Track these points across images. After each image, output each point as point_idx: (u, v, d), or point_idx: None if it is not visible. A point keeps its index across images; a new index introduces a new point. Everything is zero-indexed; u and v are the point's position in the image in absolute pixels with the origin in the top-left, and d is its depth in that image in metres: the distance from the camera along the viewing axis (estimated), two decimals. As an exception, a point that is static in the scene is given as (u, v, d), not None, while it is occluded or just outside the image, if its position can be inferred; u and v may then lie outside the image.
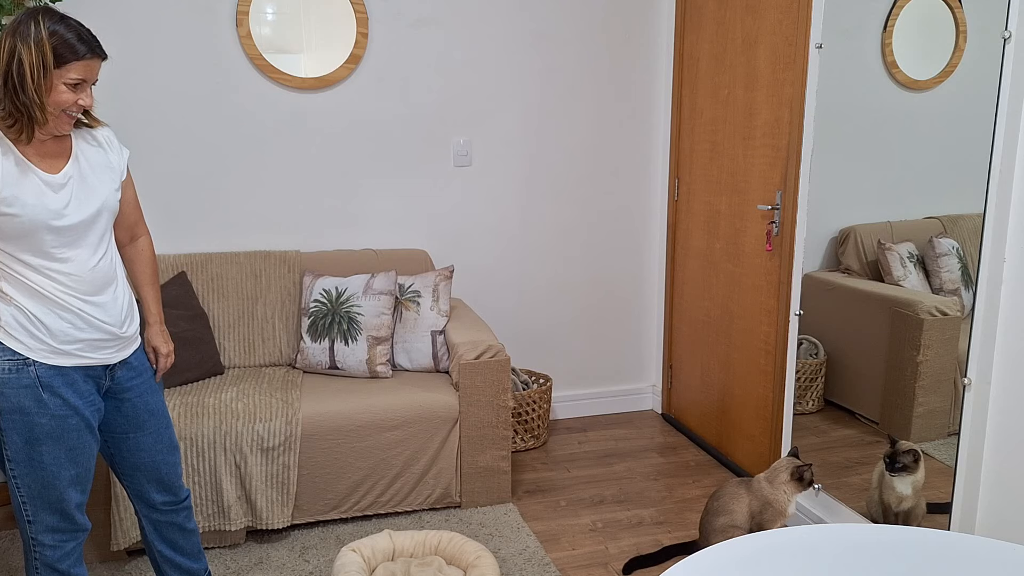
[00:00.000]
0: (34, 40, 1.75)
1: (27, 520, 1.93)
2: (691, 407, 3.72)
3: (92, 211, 1.92)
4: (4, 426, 1.85)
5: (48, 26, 1.77)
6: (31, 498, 1.91)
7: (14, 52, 1.75)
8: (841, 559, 1.56)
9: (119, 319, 1.97)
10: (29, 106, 1.77)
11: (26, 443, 1.86)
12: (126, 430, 2.07)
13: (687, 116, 3.61)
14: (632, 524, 2.92)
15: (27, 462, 1.88)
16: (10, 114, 1.78)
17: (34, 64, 1.75)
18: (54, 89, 1.79)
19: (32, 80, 1.75)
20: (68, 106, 1.81)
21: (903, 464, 2.32)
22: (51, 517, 1.93)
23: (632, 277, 3.93)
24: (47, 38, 1.76)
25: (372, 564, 2.37)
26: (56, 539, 1.95)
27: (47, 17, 1.78)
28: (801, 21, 2.79)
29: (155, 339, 2.13)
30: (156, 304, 2.15)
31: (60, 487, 1.91)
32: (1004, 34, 1.96)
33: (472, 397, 2.92)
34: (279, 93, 3.33)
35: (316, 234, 3.47)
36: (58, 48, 1.77)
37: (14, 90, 1.76)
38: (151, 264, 2.16)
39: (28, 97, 1.76)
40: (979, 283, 2.07)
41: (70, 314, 1.88)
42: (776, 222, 2.97)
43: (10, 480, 1.90)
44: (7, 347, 1.83)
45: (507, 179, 3.67)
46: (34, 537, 1.94)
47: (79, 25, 1.82)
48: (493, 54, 3.54)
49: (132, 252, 2.15)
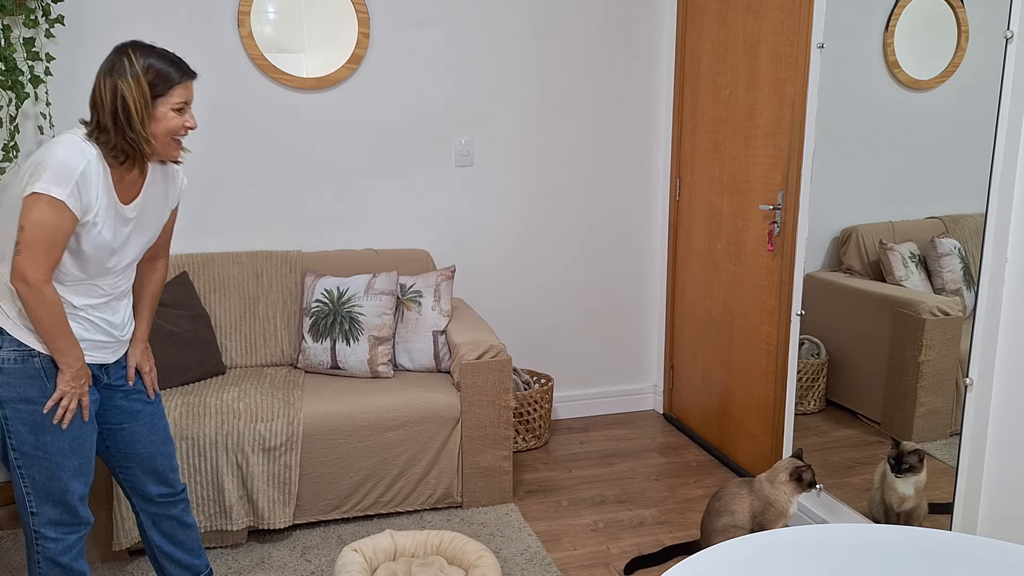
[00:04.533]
0: (131, 75, 1.81)
1: (31, 512, 1.94)
2: (692, 407, 3.72)
3: (140, 250, 2.01)
4: (10, 415, 1.88)
5: (141, 59, 1.82)
6: (36, 490, 1.93)
7: (116, 90, 1.81)
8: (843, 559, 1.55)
9: (123, 325, 2.05)
10: (138, 141, 1.83)
11: (31, 433, 1.89)
12: (120, 421, 2.10)
13: (688, 116, 3.61)
14: (633, 524, 2.92)
15: (33, 452, 1.90)
16: (122, 150, 1.84)
17: (136, 98, 1.81)
18: (162, 117, 1.85)
19: (137, 114, 1.81)
20: (176, 130, 1.88)
21: (909, 465, 2.32)
22: (54, 509, 1.95)
23: (633, 277, 3.93)
24: (143, 71, 1.82)
25: (374, 564, 2.37)
26: (59, 532, 1.97)
27: (137, 50, 1.84)
28: (803, 21, 2.79)
29: (139, 357, 2.14)
30: (147, 324, 2.18)
31: (64, 477, 1.93)
32: (1006, 34, 1.96)
33: (473, 397, 2.92)
34: (280, 93, 3.33)
35: (317, 234, 3.48)
36: (155, 78, 1.83)
37: (123, 127, 1.82)
38: (159, 285, 2.20)
39: (136, 132, 1.82)
40: (981, 283, 2.06)
41: (83, 319, 1.94)
42: (777, 222, 2.97)
43: (15, 472, 1.92)
44: (14, 338, 1.87)
45: (509, 179, 3.67)
46: (37, 530, 1.95)
47: (166, 51, 1.88)
48: (494, 54, 3.55)
49: (147, 269, 2.19)
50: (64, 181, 1.75)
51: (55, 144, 1.80)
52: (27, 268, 1.76)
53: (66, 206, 1.76)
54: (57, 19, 2.93)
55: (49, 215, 1.75)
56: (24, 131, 3.06)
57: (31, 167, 1.78)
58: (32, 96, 3.02)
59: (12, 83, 2.82)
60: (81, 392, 1.91)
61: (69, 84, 3.10)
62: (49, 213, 1.75)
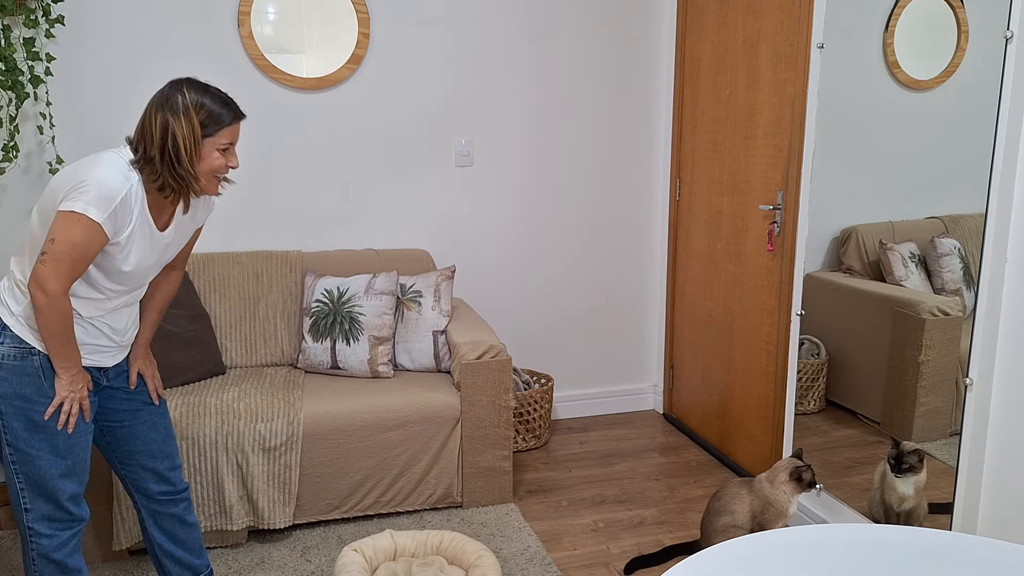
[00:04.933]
0: (183, 113, 1.82)
1: (24, 508, 1.95)
2: (692, 407, 3.72)
3: (160, 267, 2.03)
4: (5, 411, 1.89)
5: (194, 97, 1.83)
6: (29, 486, 1.94)
7: (167, 127, 1.82)
8: (843, 559, 1.56)
9: (125, 331, 2.05)
10: (186, 178, 1.85)
11: (26, 430, 1.90)
12: (121, 418, 2.10)
13: (688, 116, 3.61)
14: (633, 524, 2.92)
15: (26, 449, 1.91)
16: (167, 184, 1.86)
17: (186, 136, 1.82)
18: (207, 156, 1.87)
19: (186, 152, 1.82)
20: (219, 170, 1.89)
21: (909, 465, 2.32)
22: (47, 505, 1.95)
23: (633, 277, 3.93)
24: (195, 110, 1.83)
25: (374, 564, 2.37)
26: (52, 528, 1.97)
27: (192, 88, 1.85)
28: (803, 21, 2.79)
29: (141, 361, 2.14)
30: (152, 330, 2.19)
31: (55, 476, 1.94)
32: (1006, 34, 1.96)
33: (473, 397, 2.92)
34: (281, 93, 3.33)
35: (317, 234, 3.48)
36: (207, 118, 1.84)
37: (171, 163, 1.83)
38: (170, 296, 2.21)
39: (184, 169, 1.84)
40: (981, 283, 2.07)
41: (88, 324, 1.95)
42: (777, 222, 2.97)
43: (9, 467, 1.93)
44: (15, 335, 1.88)
45: (509, 179, 3.67)
46: (30, 526, 1.95)
47: (219, 91, 1.89)
48: (495, 54, 3.55)
49: (161, 278, 2.19)
50: (105, 205, 1.77)
51: (99, 163, 1.81)
52: (48, 278, 1.78)
53: (101, 228, 1.78)
54: (57, 19, 2.93)
55: (82, 235, 1.77)
56: (24, 131, 3.06)
57: (73, 182, 1.78)
58: (32, 96, 3.02)
59: (12, 83, 2.82)
60: (81, 396, 1.92)
61: (69, 84, 3.10)
62: (84, 233, 1.77)
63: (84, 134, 3.14)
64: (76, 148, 3.14)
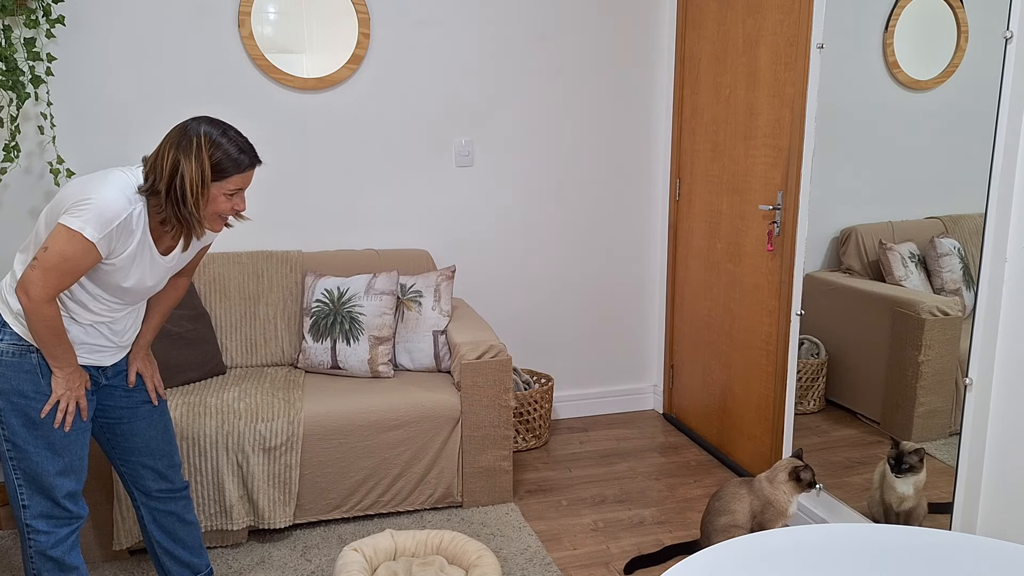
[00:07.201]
0: (195, 155, 1.80)
1: (22, 505, 1.95)
2: (692, 407, 3.73)
3: (164, 282, 2.03)
4: (3, 407, 1.90)
5: (210, 140, 1.81)
6: (27, 482, 1.94)
7: (177, 166, 1.80)
8: (842, 559, 1.56)
9: (125, 332, 2.06)
10: (190, 219, 1.84)
11: (23, 427, 1.90)
12: (121, 415, 2.11)
13: (688, 116, 3.61)
14: (633, 524, 2.93)
15: (23, 446, 1.91)
16: (169, 220, 1.85)
17: (195, 180, 1.81)
18: (213, 200, 1.85)
19: (192, 194, 1.81)
20: (224, 213, 1.88)
21: (909, 464, 2.32)
22: (44, 502, 1.96)
23: (633, 277, 3.93)
24: (208, 153, 1.81)
25: (374, 563, 2.37)
26: (50, 525, 1.97)
27: (210, 130, 1.83)
28: (802, 21, 2.79)
29: (141, 362, 2.15)
30: (154, 333, 2.19)
31: (51, 473, 1.94)
32: (1006, 34, 1.96)
33: (474, 397, 2.92)
34: (281, 93, 3.33)
35: (318, 234, 3.48)
36: (220, 163, 1.82)
37: (176, 202, 1.82)
38: (175, 301, 2.21)
39: (188, 211, 1.82)
40: (980, 283, 2.07)
41: (88, 325, 1.96)
42: (777, 222, 2.97)
43: (7, 464, 1.94)
44: (14, 332, 1.88)
45: (509, 179, 3.67)
46: (29, 524, 1.96)
47: (238, 135, 1.87)
48: (495, 54, 3.55)
49: (168, 284, 2.19)
50: (102, 226, 1.77)
51: (107, 182, 1.81)
52: (35, 285, 1.78)
53: (95, 247, 1.78)
54: (58, 19, 2.93)
55: (74, 251, 1.77)
56: (25, 131, 3.06)
57: (79, 196, 1.79)
58: (33, 96, 3.03)
59: (13, 83, 2.82)
60: (78, 394, 1.92)
61: (69, 84, 3.10)
62: (75, 249, 1.77)
63: (85, 134, 3.15)
64: (76, 148, 3.14)
